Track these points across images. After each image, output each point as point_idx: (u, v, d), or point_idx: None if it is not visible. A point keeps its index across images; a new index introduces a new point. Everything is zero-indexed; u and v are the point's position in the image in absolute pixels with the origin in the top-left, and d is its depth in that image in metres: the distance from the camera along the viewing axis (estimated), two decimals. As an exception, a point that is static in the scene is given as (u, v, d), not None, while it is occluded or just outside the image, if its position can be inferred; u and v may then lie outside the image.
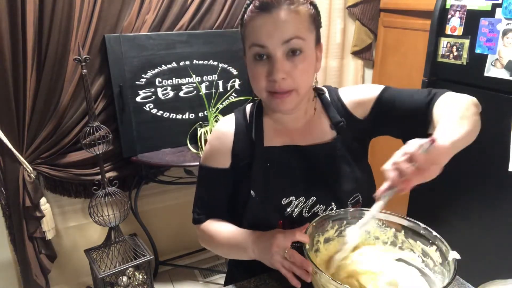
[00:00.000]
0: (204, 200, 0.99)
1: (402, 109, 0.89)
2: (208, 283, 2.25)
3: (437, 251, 0.76)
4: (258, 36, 0.80)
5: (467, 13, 1.63)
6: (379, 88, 0.93)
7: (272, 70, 0.80)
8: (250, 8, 0.81)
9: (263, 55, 0.81)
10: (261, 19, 0.79)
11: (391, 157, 0.67)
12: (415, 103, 0.88)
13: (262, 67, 0.81)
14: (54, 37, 1.64)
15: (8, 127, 1.65)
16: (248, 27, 0.82)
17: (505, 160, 1.53)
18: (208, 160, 0.96)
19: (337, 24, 2.40)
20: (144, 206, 2.20)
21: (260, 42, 0.80)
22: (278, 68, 0.79)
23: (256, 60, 0.82)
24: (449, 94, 0.85)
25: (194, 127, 2.05)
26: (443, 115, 0.77)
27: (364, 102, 0.93)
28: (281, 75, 0.79)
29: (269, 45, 0.79)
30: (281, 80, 0.80)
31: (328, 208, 0.92)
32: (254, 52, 0.82)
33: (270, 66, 0.80)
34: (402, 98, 0.90)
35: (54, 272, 2.02)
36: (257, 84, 0.83)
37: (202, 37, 1.97)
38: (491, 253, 1.67)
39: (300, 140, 0.93)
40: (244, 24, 0.84)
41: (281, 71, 0.79)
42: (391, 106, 0.90)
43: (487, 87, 1.58)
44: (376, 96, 0.92)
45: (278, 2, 0.78)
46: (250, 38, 0.82)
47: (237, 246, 0.90)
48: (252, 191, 0.90)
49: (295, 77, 0.81)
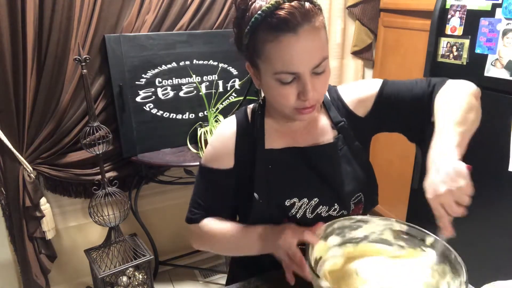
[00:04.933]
0: (204, 201, 0.97)
1: (403, 103, 0.90)
2: (208, 283, 2.25)
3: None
4: (288, 64, 0.75)
5: (467, 13, 1.63)
6: (378, 83, 0.93)
7: (304, 91, 0.77)
8: (264, 25, 0.74)
9: (291, 79, 0.78)
10: (286, 41, 0.73)
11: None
12: (416, 95, 0.89)
13: (290, 88, 0.78)
14: (54, 37, 1.64)
15: (8, 127, 1.65)
16: (267, 48, 0.76)
17: (505, 160, 1.53)
18: (210, 161, 0.94)
19: (337, 24, 2.40)
20: (144, 206, 2.20)
21: (291, 70, 0.76)
22: (310, 89, 0.77)
23: (282, 83, 0.78)
24: (448, 87, 0.85)
25: (194, 127, 2.05)
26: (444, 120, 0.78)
27: (365, 99, 0.93)
28: (312, 94, 0.78)
29: (300, 71, 0.76)
30: (311, 97, 0.79)
31: (332, 209, 0.91)
32: (280, 78, 0.77)
33: (300, 87, 0.78)
34: (402, 92, 0.90)
35: (54, 272, 2.02)
36: (286, 103, 0.80)
37: (202, 37, 1.97)
38: (492, 253, 1.67)
39: (302, 141, 0.93)
40: (256, 39, 0.77)
41: (312, 91, 0.78)
42: (392, 101, 0.90)
43: (487, 87, 1.58)
44: (376, 92, 0.92)
45: (300, 18, 0.73)
46: (274, 64, 0.76)
47: (244, 238, 0.91)
48: (255, 193, 0.89)
49: (319, 90, 0.80)
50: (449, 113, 0.78)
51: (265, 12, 0.74)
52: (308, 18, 0.74)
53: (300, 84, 0.78)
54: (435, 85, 0.87)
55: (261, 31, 0.75)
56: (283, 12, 0.72)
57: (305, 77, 0.77)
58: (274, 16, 0.73)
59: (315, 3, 0.77)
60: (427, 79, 0.90)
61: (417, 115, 0.89)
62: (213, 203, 0.97)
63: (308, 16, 0.74)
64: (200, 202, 0.97)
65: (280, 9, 0.73)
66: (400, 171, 2.35)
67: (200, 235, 0.97)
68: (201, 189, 0.97)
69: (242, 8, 0.78)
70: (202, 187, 0.97)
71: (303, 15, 0.73)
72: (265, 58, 0.78)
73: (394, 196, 2.35)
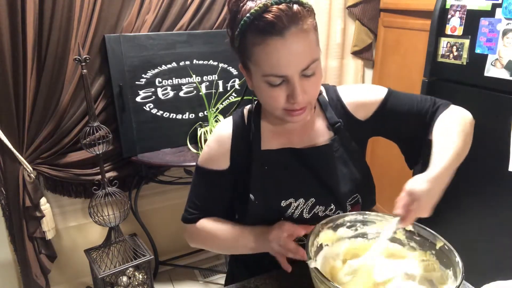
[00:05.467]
0: (200, 201, 0.98)
1: (405, 117, 0.91)
2: (208, 283, 2.25)
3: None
4: (275, 67, 0.75)
5: (467, 13, 1.63)
6: (383, 92, 0.93)
7: (293, 93, 0.77)
8: (252, 28, 0.74)
9: (279, 82, 0.78)
10: (273, 45, 0.73)
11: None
12: (418, 113, 0.91)
13: (279, 90, 0.78)
14: (54, 37, 1.64)
15: (8, 127, 1.65)
16: (255, 51, 0.76)
17: (505, 160, 1.53)
18: (206, 162, 0.95)
19: (337, 24, 2.40)
20: (144, 206, 2.20)
21: (279, 74, 0.76)
22: (299, 92, 0.77)
23: (272, 85, 0.78)
24: (449, 115, 0.88)
25: (194, 127, 2.05)
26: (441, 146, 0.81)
27: (367, 104, 0.93)
28: (302, 97, 0.78)
29: (288, 74, 0.76)
30: (301, 99, 0.79)
31: (328, 209, 0.92)
32: (269, 80, 0.77)
33: (289, 90, 0.78)
34: (406, 106, 0.92)
35: (54, 272, 2.02)
36: (275, 105, 0.81)
37: (202, 37, 1.97)
38: (492, 253, 1.67)
39: (298, 142, 0.93)
40: (246, 42, 0.77)
41: (301, 93, 0.78)
42: (395, 113, 0.92)
43: (487, 87, 1.58)
44: (380, 100, 0.92)
45: (287, 21, 0.72)
46: (262, 67, 0.77)
47: (240, 237, 0.92)
48: (251, 194, 0.89)
49: (310, 92, 0.80)
50: (445, 149, 0.80)
51: (253, 15, 0.74)
52: (295, 21, 0.73)
53: (289, 87, 0.78)
54: (440, 106, 0.91)
55: (249, 34, 0.76)
56: (270, 15, 0.72)
57: (293, 80, 0.76)
58: (261, 19, 0.73)
59: (304, 5, 0.76)
60: (431, 99, 0.93)
61: (416, 129, 0.91)
62: (209, 203, 0.98)
63: (296, 19, 0.73)
64: (196, 202, 0.98)
65: (268, 12, 0.72)
66: (400, 171, 2.35)
67: (197, 234, 0.99)
68: (197, 189, 0.98)
69: (234, 10, 0.78)
70: (198, 187, 0.98)
71: (290, 18, 0.73)
72: (254, 61, 0.78)
73: (394, 196, 2.33)
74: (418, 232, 0.82)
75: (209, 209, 0.98)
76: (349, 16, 2.47)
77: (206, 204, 0.97)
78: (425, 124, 0.90)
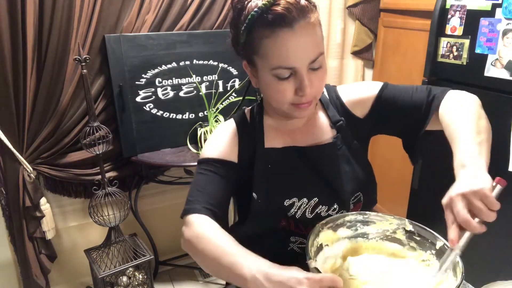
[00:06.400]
0: (202, 193, 0.85)
1: (401, 108, 0.90)
2: (208, 283, 2.25)
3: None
4: (284, 59, 0.76)
5: (467, 13, 1.63)
6: (378, 86, 0.93)
7: (301, 86, 0.79)
8: (260, 21, 0.76)
9: (288, 75, 0.79)
10: (282, 36, 0.75)
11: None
12: (415, 103, 0.89)
13: (287, 84, 0.79)
14: (54, 37, 1.64)
15: (8, 127, 1.65)
16: (264, 44, 0.77)
17: (505, 160, 1.53)
18: (215, 152, 0.88)
19: (337, 24, 2.40)
20: (144, 206, 2.20)
21: (288, 65, 0.77)
22: (307, 84, 0.78)
23: (280, 79, 0.79)
24: (453, 98, 0.85)
25: (194, 127, 2.05)
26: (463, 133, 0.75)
27: (363, 101, 0.94)
28: (310, 90, 0.79)
29: (296, 65, 0.77)
30: (308, 92, 0.80)
31: (331, 209, 0.91)
32: (277, 73, 0.79)
33: (297, 83, 0.79)
34: (401, 97, 0.91)
35: (54, 272, 2.02)
36: (283, 99, 0.81)
37: (202, 37, 1.97)
38: (492, 253, 1.67)
39: (301, 140, 0.93)
40: (253, 36, 0.78)
41: (309, 86, 0.79)
42: (390, 106, 0.91)
43: (487, 87, 1.58)
44: (375, 94, 0.92)
45: (296, 13, 0.74)
46: (271, 59, 0.78)
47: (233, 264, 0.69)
48: (254, 193, 0.89)
49: (316, 86, 0.81)
50: (464, 123, 0.77)
51: (261, 9, 0.75)
52: (304, 14, 0.75)
53: (297, 80, 0.79)
54: (435, 96, 0.88)
55: (257, 28, 0.77)
56: (279, 8, 0.74)
57: (302, 72, 0.78)
58: (270, 12, 0.75)
59: (310, 0, 0.78)
60: (427, 88, 0.91)
61: (412, 122, 0.90)
62: (213, 197, 0.85)
63: (304, 12, 0.75)
64: (199, 194, 0.85)
65: (276, 5, 0.74)
66: (400, 171, 2.36)
67: (195, 233, 0.79)
68: (200, 183, 0.88)
69: (239, 7, 0.80)
70: (203, 180, 0.88)
71: (299, 11, 0.75)
72: (262, 54, 0.79)
73: (394, 196, 2.35)
74: (418, 232, 0.82)
75: (212, 199, 0.84)
76: (349, 16, 2.47)
77: (209, 197, 0.84)
78: (421, 115, 0.88)
